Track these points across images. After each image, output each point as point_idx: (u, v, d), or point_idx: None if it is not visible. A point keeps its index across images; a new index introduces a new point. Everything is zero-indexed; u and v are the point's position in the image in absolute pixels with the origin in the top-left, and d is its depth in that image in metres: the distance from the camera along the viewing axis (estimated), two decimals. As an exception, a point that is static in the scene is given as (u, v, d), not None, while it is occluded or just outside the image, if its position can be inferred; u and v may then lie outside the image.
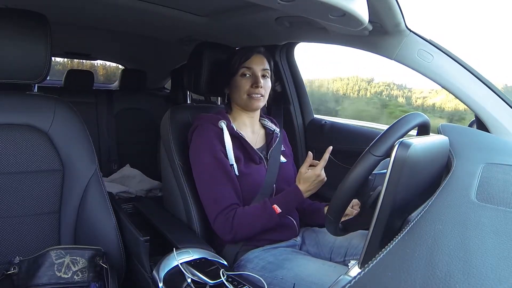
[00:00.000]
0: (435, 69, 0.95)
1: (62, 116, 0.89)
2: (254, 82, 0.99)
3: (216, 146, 0.94)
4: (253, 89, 0.99)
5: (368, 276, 0.33)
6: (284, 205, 0.91)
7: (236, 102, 1.03)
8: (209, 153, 0.94)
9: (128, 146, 2.14)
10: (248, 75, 1.00)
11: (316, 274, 0.82)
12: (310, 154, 0.93)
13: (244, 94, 0.99)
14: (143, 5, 1.15)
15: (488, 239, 0.39)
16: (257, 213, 0.90)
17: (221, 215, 0.91)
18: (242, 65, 1.00)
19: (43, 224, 0.87)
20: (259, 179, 0.98)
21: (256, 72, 1.00)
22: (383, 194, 0.52)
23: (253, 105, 1.00)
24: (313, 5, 0.61)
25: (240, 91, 1.00)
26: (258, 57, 1.01)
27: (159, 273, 0.78)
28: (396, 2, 0.82)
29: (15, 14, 0.81)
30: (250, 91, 0.99)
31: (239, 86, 1.00)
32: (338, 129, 1.39)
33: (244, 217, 0.90)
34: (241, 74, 1.00)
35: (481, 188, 0.53)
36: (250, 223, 0.90)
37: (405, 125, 0.65)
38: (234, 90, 1.02)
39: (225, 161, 0.94)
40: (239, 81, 1.00)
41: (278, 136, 1.07)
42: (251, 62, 1.00)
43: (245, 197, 0.95)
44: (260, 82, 0.98)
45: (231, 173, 0.94)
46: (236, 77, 1.01)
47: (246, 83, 0.99)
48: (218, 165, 0.93)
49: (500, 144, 0.83)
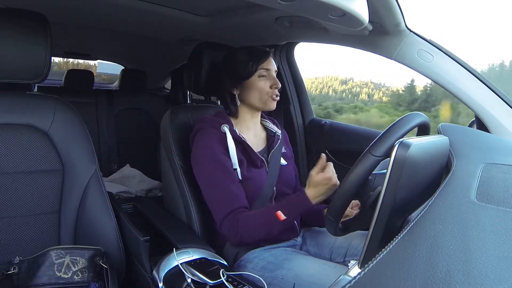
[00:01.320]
0: (435, 69, 0.95)
1: (62, 116, 0.89)
2: (273, 83, 0.99)
3: (219, 150, 0.93)
4: (273, 90, 0.99)
5: (368, 276, 0.33)
6: (289, 212, 0.87)
7: (251, 102, 1.01)
8: (213, 158, 0.93)
9: (128, 146, 2.13)
10: (265, 76, 1.00)
11: (316, 274, 0.81)
12: (324, 156, 0.88)
13: (265, 95, 0.99)
14: (143, 5, 1.15)
15: (488, 239, 0.39)
16: (261, 221, 0.88)
17: (227, 219, 0.90)
18: (260, 67, 0.99)
19: (43, 224, 0.87)
20: (260, 183, 0.97)
21: (272, 73, 1.01)
22: (383, 194, 0.52)
23: (271, 105, 1.01)
24: (313, 5, 0.61)
25: (260, 92, 0.99)
26: (271, 59, 1.03)
27: (159, 273, 0.78)
28: (396, 2, 0.82)
29: (15, 14, 0.81)
30: (271, 92, 0.99)
31: (258, 87, 0.99)
32: (338, 129, 1.39)
33: (248, 223, 0.89)
34: (259, 75, 1.00)
35: (481, 188, 0.53)
36: (254, 229, 0.89)
37: (405, 125, 0.65)
38: (250, 91, 1.00)
39: (228, 164, 0.93)
40: (257, 82, 0.99)
41: (279, 138, 1.07)
42: (268, 63, 1.01)
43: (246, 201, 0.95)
44: (279, 83, 1.00)
45: (236, 176, 0.93)
46: (252, 78, 0.99)
47: (266, 84, 0.99)
48: (222, 169, 0.92)
49: (500, 144, 0.83)
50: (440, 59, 0.95)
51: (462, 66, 0.95)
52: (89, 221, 0.89)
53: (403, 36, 0.96)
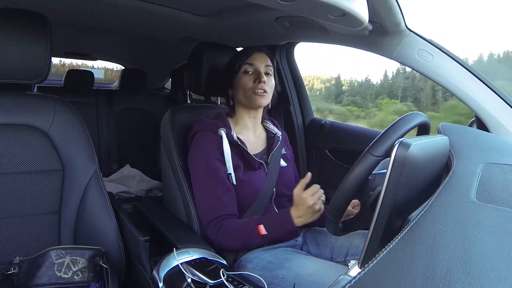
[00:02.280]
0: (435, 69, 0.95)
1: (62, 116, 0.89)
2: (256, 77, 0.97)
3: (214, 155, 0.94)
4: (256, 85, 0.97)
5: (368, 276, 0.33)
6: (270, 228, 0.87)
7: (240, 101, 1.02)
8: (206, 162, 0.94)
9: (128, 146, 2.14)
10: (250, 72, 0.99)
11: (317, 274, 0.81)
12: (308, 174, 0.87)
13: (248, 91, 0.98)
14: (143, 5, 1.15)
15: (488, 239, 0.39)
16: (241, 231, 0.89)
17: (212, 224, 0.92)
18: (244, 62, 0.99)
19: (43, 224, 0.87)
20: (258, 185, 0.97)
21: (258, 68, 0.99)
22: (383, 194, 0.51)
23: (256, 101, 0.98)
24: (313, 5, 0.61)
25: (243, 89, 0.99)
26: (260, 54, 1.01)
27: (159, 273, 0.78)
28: (396, 2, 0.82)
29: (15, 14, 0.81)
30: (254, 87, 0.97)
31: (242, 83, 0.99)
32: (338, 129, 1.39)
33: (229, 230, 0.90)
34: (244, 71, 0.99)
35: (481, 188, 0.53)
36: (232, 238, 0.90)
37: (405, 125, 0.65)
38: (237, 89, 1.01)
39: (222, 170, 0.93)
40: (241, 79, 0.99)
41: (279, 139, 1.07)
42: (253, 59, 0.99)
43: (244, 203, 0.95)
44: (263, 78, 0.97)
45: (227, 183, 0.93)
46: (238, 75, 1.00)
47: (249, 80, 0.98)
48: (214, 175, 0.93)
49: (500, 144, 0.83)
50: (440, 59, 0.95)
51: (462, 66, 0.95)
52: (89, 221, 0.89)
53: (403, 36, 0.96)
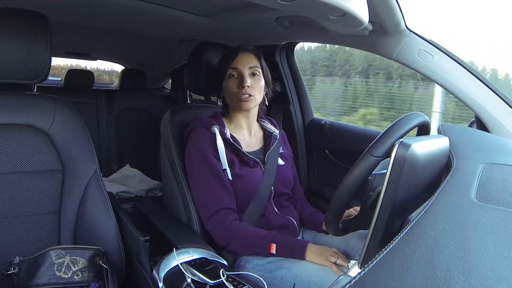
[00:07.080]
0: (435, 69, 0.95)
1: (62, 116, 0.89)
2: (240, 83, 0.96)
3: (208, 151, 0.94)
4: (240, 90, 0.95)
5: (368, 276, 0.33)
6: (281, 250, 0.87)
7: (230, 104, 1.02)
8: (201, 158, 0.94)
9: (128, 146, 2.14)
10: (235, 76, 0.97)
11: (316, 274, 0.81)
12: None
13: (234, 96, 0.96)
14: (143, 5, 1.15)
15: (488, 239, 0.39)
16: (253, 241, 0.89)
17: (213, 219, 0.91)
18: (228, 66, 0.98)
19: (43, 224, 0.87)
20: (255, 182, 0.97)
21: (242, 72, 0.96)
22: (383, 194, 0.52)
23: (242, 106, 0.97)
24: (313, 5, 0.61)
25: (229, 93, 0.98)
26: (245, 55, 0.98)
27: (159, 273, 0.78)
28: (396, 2, 0.82)
29: (15, 14, 0.81)
30: (238, 93, 0.95)
31: (227, 88, 0.99)
32: (338, 129, 1.39)
33: (241, 236, 0.90)
34: (229, 75, 0.98)
35: (481, 188, 0.53)
36: (244, 245, 0.90)
37: (405, 125, 0.65)
38: (225, 93, 1.01)
39: (217, 165, 0.93)
40: (227, 83, 0.98)
41: (277, 138, 1.07)
42: (237, 62, 0.97)
43: (242, 200, 0.95)
44: (246, 82, 0.94)
45: (223, 177, 0.93)
46: (225, 79, 0.99)
47: (234, 84, 0.97)
48: (210, 170, 0.93)
49: (500, 144, 0.83)
50: (440, 59, 0.95)
51: (462, 66, 0.95)
52: (89, 221, 0.89)
53: (403, 36, 0.96)
